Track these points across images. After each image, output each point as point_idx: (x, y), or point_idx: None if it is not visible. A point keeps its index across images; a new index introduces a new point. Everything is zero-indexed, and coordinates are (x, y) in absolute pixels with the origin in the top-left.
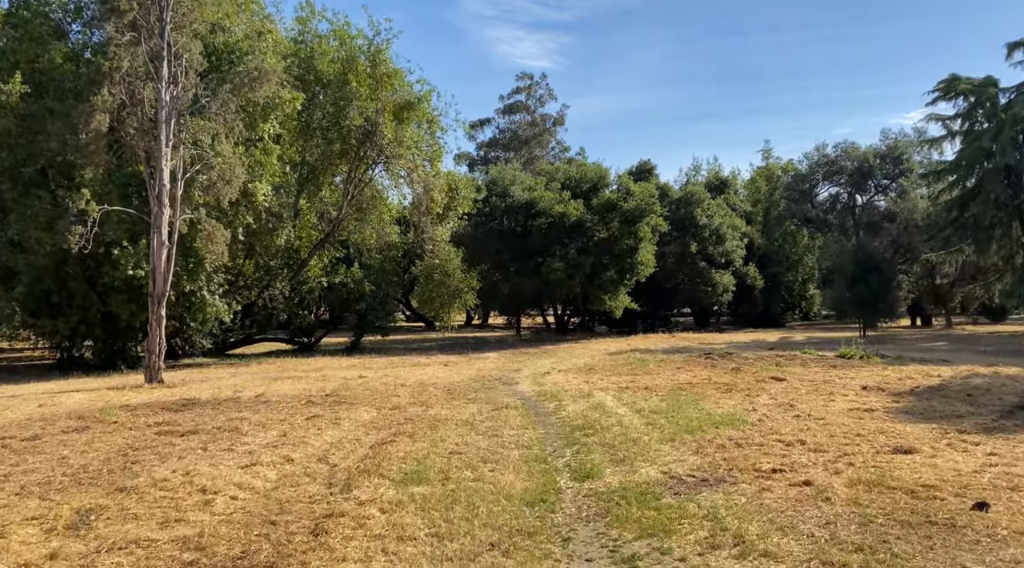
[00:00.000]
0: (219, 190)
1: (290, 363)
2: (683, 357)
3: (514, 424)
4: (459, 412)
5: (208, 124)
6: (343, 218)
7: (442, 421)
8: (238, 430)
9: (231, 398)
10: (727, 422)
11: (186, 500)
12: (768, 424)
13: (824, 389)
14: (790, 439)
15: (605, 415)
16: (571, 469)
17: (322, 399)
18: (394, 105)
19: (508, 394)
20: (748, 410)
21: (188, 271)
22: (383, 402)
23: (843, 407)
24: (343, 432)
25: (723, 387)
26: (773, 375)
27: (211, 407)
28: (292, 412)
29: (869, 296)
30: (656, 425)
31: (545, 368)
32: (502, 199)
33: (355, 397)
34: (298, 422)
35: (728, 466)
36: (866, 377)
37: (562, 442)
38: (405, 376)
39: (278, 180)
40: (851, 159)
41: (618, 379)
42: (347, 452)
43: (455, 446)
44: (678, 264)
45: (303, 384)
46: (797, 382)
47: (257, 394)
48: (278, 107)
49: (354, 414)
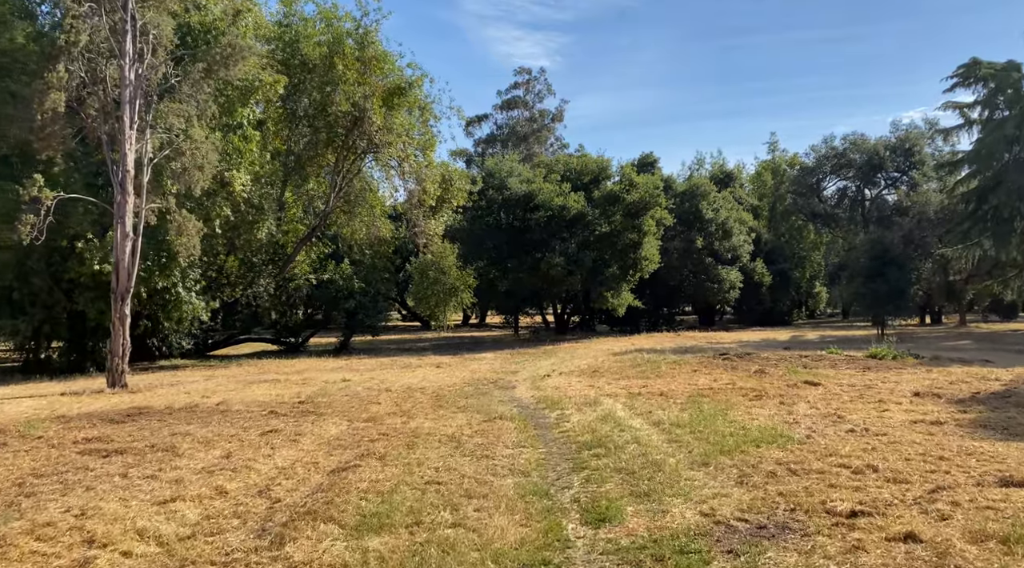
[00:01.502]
0: (191, 178)
1: (272, 365)
2: (696, 358)
3: (509, 440)
4: (445, 424)
5: (179, 106)
6: (331, 211)
7: (423, 436)
8: (174, 450)
9: (188, 406)
10: (768, 439)
11: (61, 558)
12: (821, 442)
13: (870, 395)
14: (856, 464)
15: (617, 429)
16: (580, 507)
17: (291, 408)
18: (383, 90)
19: (503, 401)
20: (789, 422)
21: (160, 266)
22: (359, 412)
23: (902, 419)
24: (300, 452)
25: (751, 393)
26: (806, 379)
27: (159, 418)
28: (249, 425)
29: (887, 292)
30: (681, 442)
31: (545, 370)
32: (499, 192)
33: (330, 404)
34: (251, 438)
35: (789, 505)
36: (912, 381)
37: (567, 465)
38: (392, 380)
39: (258, 169)
40: (860, 152)
41: (627, 383)
42: (297, 481)
43: (434, 473)
44: (683, 260)
45: (278, 389)
46: (835, 387)
47: (219, 402)
48: (258, 90)
49: (320, 428)
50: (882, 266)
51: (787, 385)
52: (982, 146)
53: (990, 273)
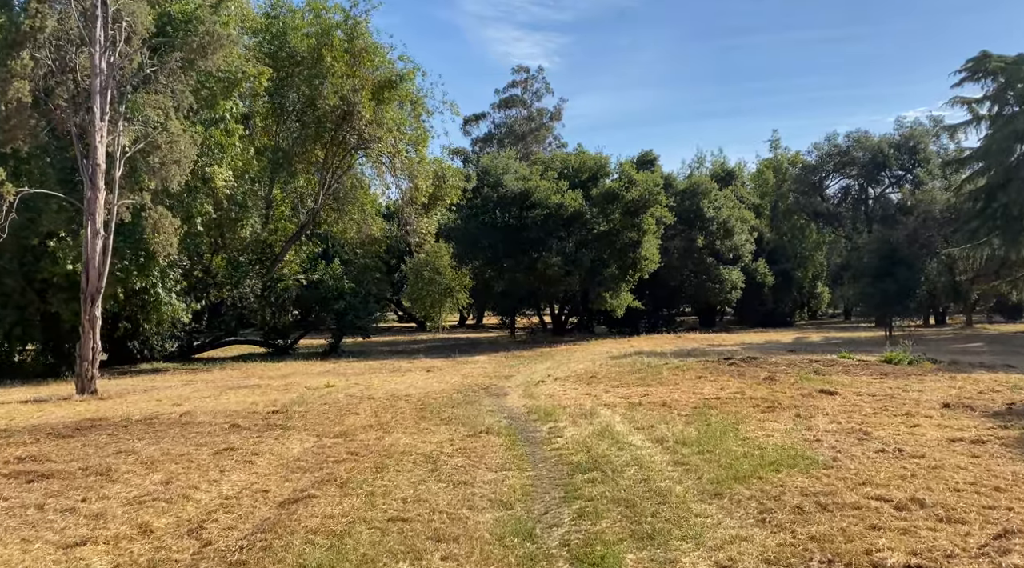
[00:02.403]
0: (167, 172)
1: (257, 368)
2: (699, 362)
3: (493, 461)
4: (424, 440)
5: (155, 98)
6: (320, 209)
7: (397, 456)
8: (109, 473)
9: (148, 417)
10: (789, 462)
11: None
12: (849, 466)
13: (895, 407)
14: (898, 497)
15: (616, 446)
16: (571, 553)
17: (263, 418)
18: (373, 83)
19: (492, 411)
20: (809, 440)
21: (138, 266)
22: (333, 424)
23: (937, 436)
24: (253, 476)
25: (762, 404)
26: (821, 387)
27: (111, 432)
28: (205, 441)
29: (895, 292)
30: (689, 465)
31: (539, 375)
32: (494, 189)
33: (304, 415)
34: (201, 459)
35: (825, 554)
36: (936, 389)
37: (558, 494)
38: (378, 385)
39: (241, 164)
40: (864, 149)
41: (627, 391)
42: (238, 516)
43: (400, 505)
44: (683, 259)
45: (255, 396)
46: (854, 396)
47: (186, 411)
48: (241, 83)
49: (283, 445)
50: (891, 265)
51: (801, 394)
52: (991, 142)
53: (997, 273)
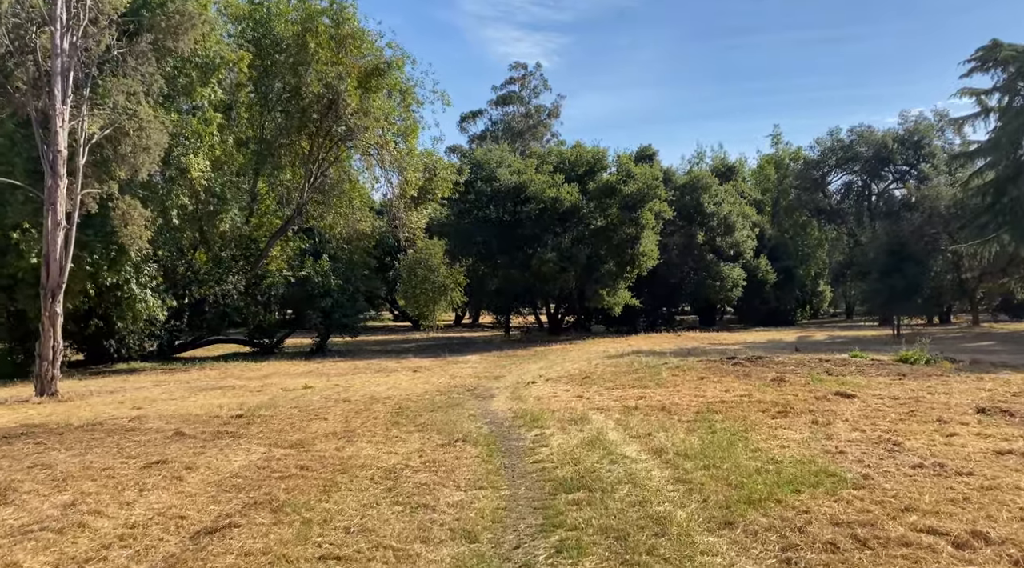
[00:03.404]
0: (136, 161)
1: (237, 369)
2: (700, 362)
3: (464, 477)
4: (391, 450)
5: (123, 82)
6: (306, 203)
7: (354, 470)
8: (7, 493)
9: (91, 423)
10: (811, 480)
11: None
12: (885, 485)
13: (923, 413)
14: (954, 528)
15: (607, 458)
16: None
17: (219, 424)
18: (360, 71)
19: (474, 415)
20: (832, 452)
21: (109, 260)
22: (293, 431)
23: (981, 447)
24: (175, 497)
25: (772, 408)
26: (836, 390)
27: (39, 441)
28: (139, 452)
29: (904, 289)
30: (692, 484)
31: (531, 375)
32: (488, 183)
33: (267, 420)
34: (125, 474)
35: None
36: (965, 391)
37: (535, 520)
38: (358, 386)
39: (219, 154)
40: (868, 144)
41: (622, 394)
42: (135, 553)
43: (339, 538)
44: (683, 256)
45: (224, 398)
46: (874, 399)
47: (136, 417)
48: (219, 69)
49: (225, 457)
50: (899, 261)
51: (815, 397)
52: (1001, 135)
53: (1004, 270)
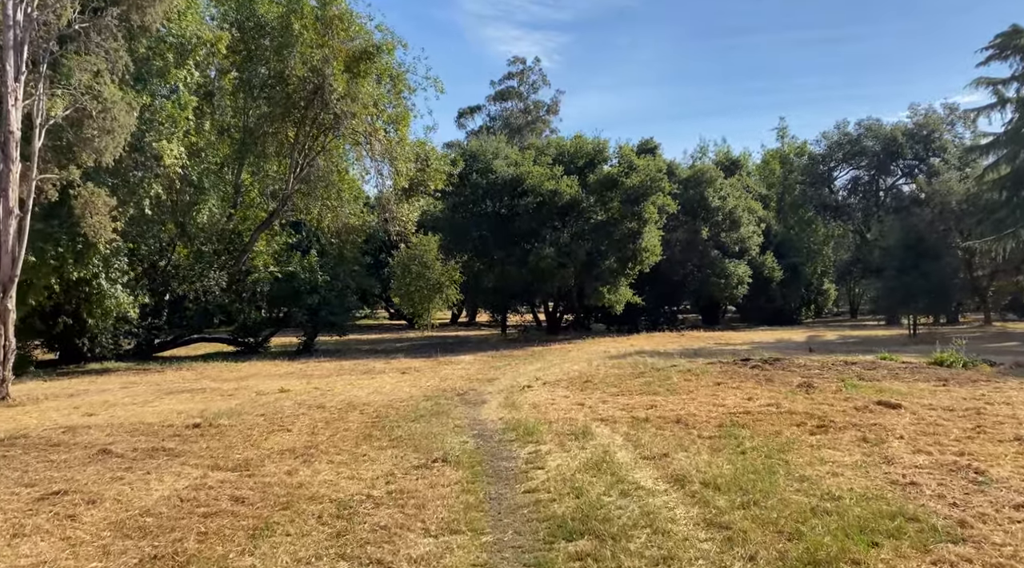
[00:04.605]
0: (99, 144)
1: (215, 369)
2: (712, 364)
3: (437, 515)
4: (354, 474)
5: (86, 59)
6: (291, 194)
7: (300, 504)
8: None
9: (14, 436)
10: (885, 526)
11: None
12: (990, 536)
13: (991, 428)
14: None
15: (617, 488)
16: None
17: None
18: (347, 54)
19: (460, 427)
20: (899, 482)
21: (75, 253)
22: (244, 447)
23: None
24: (57, 544)
25: (808, 421)
26: (878, 399)
27: None
28: (44, 476)
29: (924, 287)
30: (731, 530)
31: (527, 378)
32: (483, 176)
33: (224, 431)
34: (10, 509)
35: None
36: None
37: None
38: (339, 390)
39: (195, 139)
40: (875, 138)
41: (629, 402)
42: None
43: None
44: (686, 252)
45: (190, 403)
46: (924, 411)
47: (69, 426)
48: (196, 49)
49: (145, 485)
50: (916, 258)
51: (854, 407)
52: (1020, 125)
53: (1019, 268)
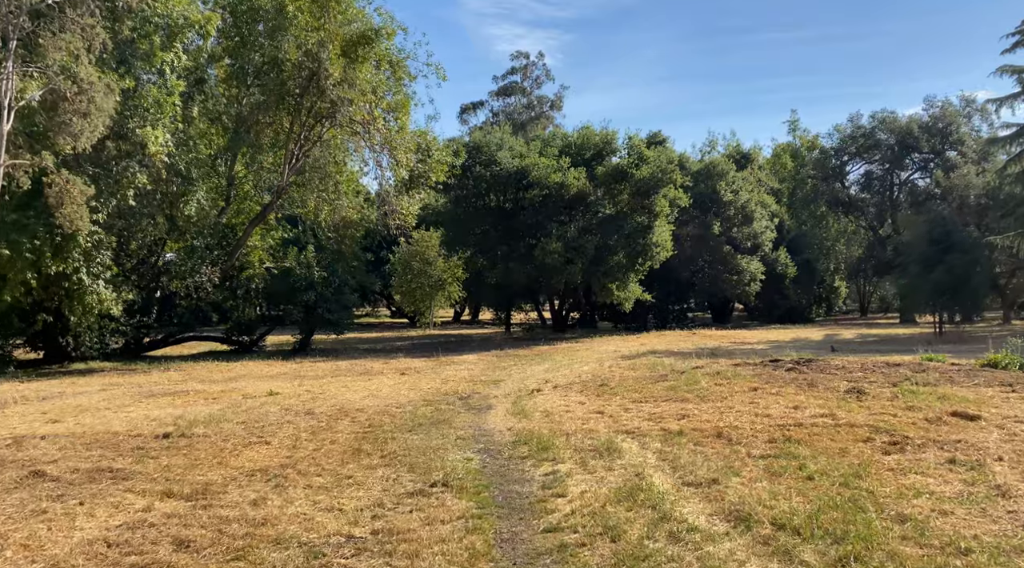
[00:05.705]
0: (75, 128)
1: (204, 370)
2: (739, 365)
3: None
4: (333, 504)
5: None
6: (286, 186)
7: (259, 550)
8: None
9: None
10: None
11: None
12: None
13: None
14: None
15: (663, 529)
16: None
17: (109, 459)
18: (344, 38)
19: (464, 438)
20: None
21: (53, 246)
22: (211, 465)
23: None
24: None
25: (875, 436)
26: (952, 409)
27: None
28: None
29: (950, 283)
30: None
31: (535, 381)
32: (487, 168)
33: (198, 440)
34: None
35: None
36: None
37: None
38: (331, 394)
39: (181, 126)
40: (890, 131)
41: (655, 409)
42: None
43: None
44: (697, 248)
45: (167, 408)
46: (1011, 423)
47: (16, 438)
48: (183, 30)
49: (69, 522)
50: (942, 253)
51: (925, 419)
52: None
53: None
